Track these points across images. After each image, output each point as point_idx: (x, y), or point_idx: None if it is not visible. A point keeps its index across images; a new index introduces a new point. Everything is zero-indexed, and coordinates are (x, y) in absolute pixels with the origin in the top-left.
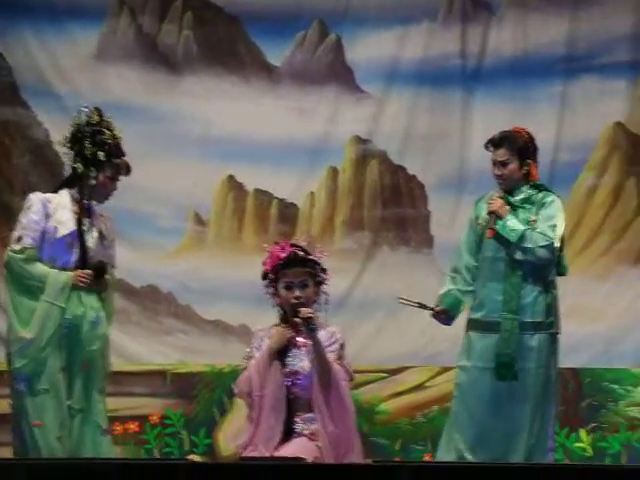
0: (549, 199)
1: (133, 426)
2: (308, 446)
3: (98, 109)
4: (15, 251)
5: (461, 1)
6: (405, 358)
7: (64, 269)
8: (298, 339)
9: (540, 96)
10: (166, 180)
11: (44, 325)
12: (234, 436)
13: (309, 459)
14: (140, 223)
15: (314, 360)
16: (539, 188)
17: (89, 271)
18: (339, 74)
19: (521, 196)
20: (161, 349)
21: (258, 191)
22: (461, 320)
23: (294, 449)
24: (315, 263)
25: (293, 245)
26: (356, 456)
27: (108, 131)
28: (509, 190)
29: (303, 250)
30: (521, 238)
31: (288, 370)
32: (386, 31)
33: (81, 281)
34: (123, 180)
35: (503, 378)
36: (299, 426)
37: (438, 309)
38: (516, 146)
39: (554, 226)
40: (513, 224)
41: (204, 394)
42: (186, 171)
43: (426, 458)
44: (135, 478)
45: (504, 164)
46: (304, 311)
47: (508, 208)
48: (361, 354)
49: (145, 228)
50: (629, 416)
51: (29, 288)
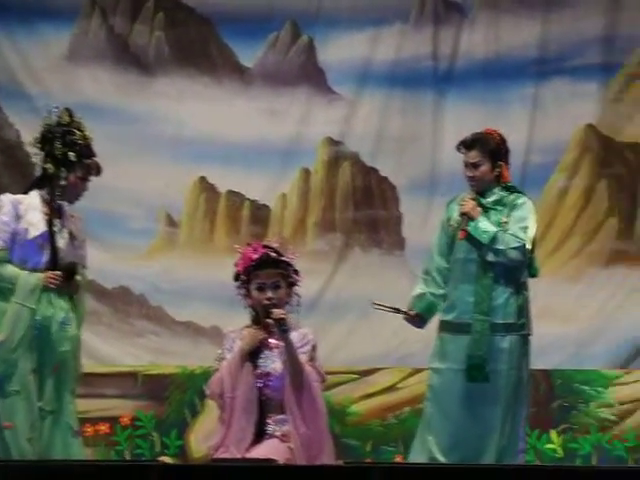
0: (520, 201)
1: (104, 427)
2: (280, 447)
3: (68, 109)
4: None
5: (433, 3)
6: (377, 359)
7: (35, 270)
8: (270, 340)
9: (512, 98)
10: (138, 181)
11: (15, 327)
12: (205, 438)
13: (281, 460)
14: (112, 224)
15: (286, 361)
16: (511, 190)
17: (59, 272)
18: (311, 75)
19: (493, 198)
20: (132, 350)
21: (230, 192)
22: (433, 321)
23: (266, 450)
24: (287, 264)
25: (265, 246)
26: (327, 457)
27: (79, 131)
28: (481, 192)
29: (275, 251)
30: (493, 240)
31: (260, 371)
32: (358, 33)
33: (51, 282)
34: (95, 181)
35: (474, 380)
36: (271, 427)
37: (412, 313)
38: (488, 148)
39: (525, 228)
40: (485, 226)
41: (175, 396)
42: (158, 172)
43: (397, 459)
44: None
45: (476, 166)
46: (276, 312)
47: (480, 210)
48: (333, 355)
49: (117, 229)
50: (600, 417)
51: None
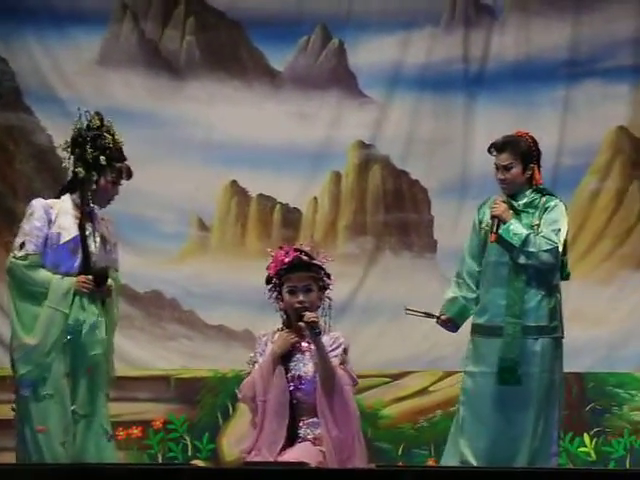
0: (552, 203)
1: (136, 431)
2: (312, 451)
3: (99, 113)
4: (18, 257)
5: (464, 6)
6: (408, 362)
7: (67, 275)
8: (302, 344)
9: (543, 100)
10: (169, 185)
11: (48, 331)
12: (238, 441)
13: (313, 464)
14: (143, 228)
15: (318, 365)
16: (542, 192)
17: (91, 277)
18: (342, 79)
19: (524, 200)
20: (164, 354)
21: (261, 196)
22: (464, 324)
23: (298, 454)
24: (319, 268)
25: (297, 250)
26: (360, 461)
27: (109, 135)
28: (512, 194)
29: (307, 255)
30: (524, 242)
31: (292, 375)
32: (389, 36)
33: (83, 287)
34: (126, 185)
35: (506, 383)
36: (303, 431)
37: (444, 318)
38: (519, 150)
39: (557, 230)
40: (516, 228)
41: (207, 399)
42: (189, 176)
43: (429, 463)
44: None
45: (507, 168)
46: (308, 315)
47: (511, 212)
48: (364, 359)
49: (148, 233)
50: (633, 420)
51: (32, 294)
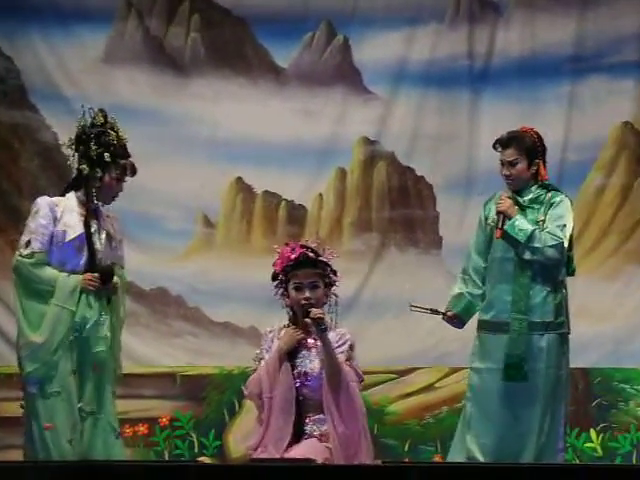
0: (558, 199)
1: (142, 428)
2: (318, 447)
3: (102, 110)
4: (24, 255)
5: (468, 2)
6: (414, 359)
7: (73, 272)
8: (308, 340)
9: (548, 96)
10: (174, 182)
11: (55, 329)
12: (244, 438)
13: (319, 460)
14: (149, 225)
15: (324, 361)
16: (548, 188)
17: (97, 275)
18: (346, 75)
19: (530, 196)
20: (170, 351)
21: (266, 193)
22: (470, 320)
23: (304, 450)
24: (325, 264)
25: (303, 246)
26: (366, 457)
27: (113, 132)
28: (518, 190)
29: (313, 251)
30: (530, 238)
31: (298, 371)
32: (394, 32)
33: (90, 285)
34: (131, 182)
35: (512, 379)
36: (309, 427)
37: (450, 314)
38: (524, 146)
39: (563, 226)
40: (522, 224)
41: (213, 396)
42: (194, 173)
43: (436, 459)
44: None
45: (512, 164)
46: (315, 311)
47: (517, 208)
48: (370, 355)
49: (154, 230)
50: (639, 416)
51: (39, 292)
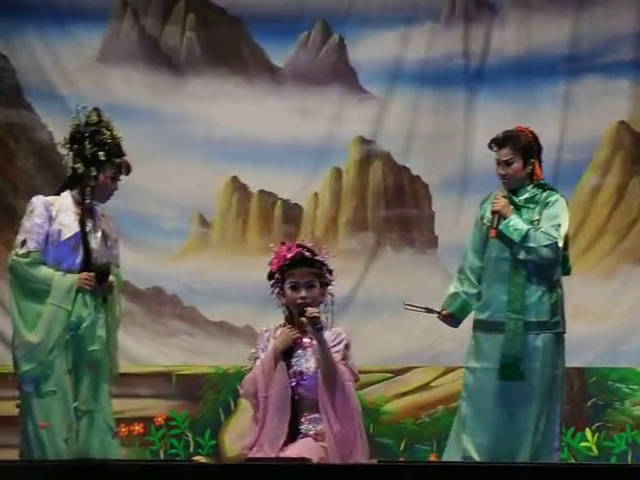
0: (553, 198)
1: (138, 427)
2: (313, 446)
3: (97, 109)
4: (19, 255)
5: (464, 1)
6: (410, 358)
7: (69, 271)
8: (304, 339)
9: (543, 96)
10: (170, 182)
11: (50, 328)
12: (239, 437)
13: (315, 459)
14: (144, 225)
15: (319, 360)
16: (543, 187)
17: (93, 274)
18: (342, 75)
19: (525, 195)
20: (166, 351)
21: (262, 192)
22: (466, 319)
23: (299, 449)
24: (321, 264)
25: (300, 245)
26: (361, 456)
27: (107, 131)
28: (513, 190)
29: (309, 251)
30: (524, 238)
31: (293, 370)
32: (389, 31)
33: (86, 284)
34: (127, 181)
35: (508, 378)
36: (305, 426)
37: (445, 313)
38: (520, 145)
39: (558, 225)
40: (516, 224)
41: (209, 395)
42: (190, 172)
43: (431, 458)
44: (140, 479)
45: (508, 163)
46: (310, 310)
47: (512, 208)
48: (366, 354)
49: (149, 230)
50: (635, 415)
51: (34, 292)
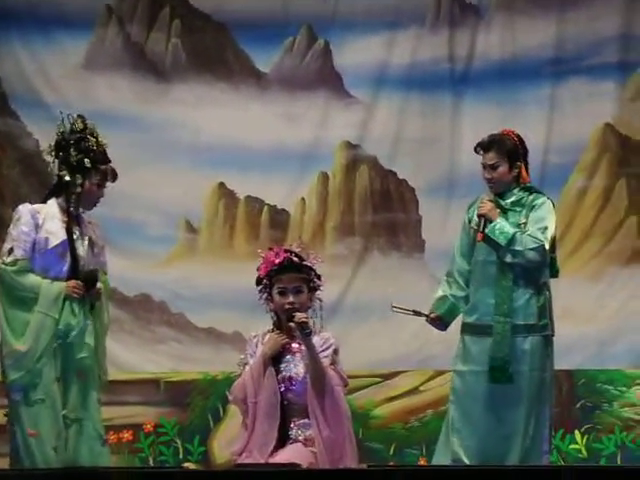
0: (539, 201)
1: (127, 435)
2: (303, 452)
3: (81, 116)
4: (7, 263)
5: (449, 5)
6: (398, 362)
7: (56, 279)
8: (292, 345)
9: (529, 99)
10: (156, 188)
11: (38, 336)
12: (228, 443)
13: (304, 465)
14: (131, 231)
15: (308, 365)
16: (530, 190)
17: (81, 282)
18: (328, 79)
19: (512, 199)
20: (154, 357)
21: (249, 198)
22: (454, 323)
23: (289, 455)
24: (309, 269)
25: (287, 251)
26: (351, 461)
27: (92, 138)
28: (500, 193)
29: (297, 256)
30: (510, 241)
31: (282, 376)
32: (374, 36)
33: (74, 292)
34: (113, 188)
35: (497, 381)
36: (294, 432)
37: (433, 316)
38: (505, 149)
39: (544, 228)
40: (503, 227)
41: (198, 402)
42: (176, 179)
43: (421, 462)
44: None
45: (494, 167)
46: (299, 315)
47: (498, 211)
48: (354, 359)
49: (136, 236)
50: (623, 417)
51: (22, 300)
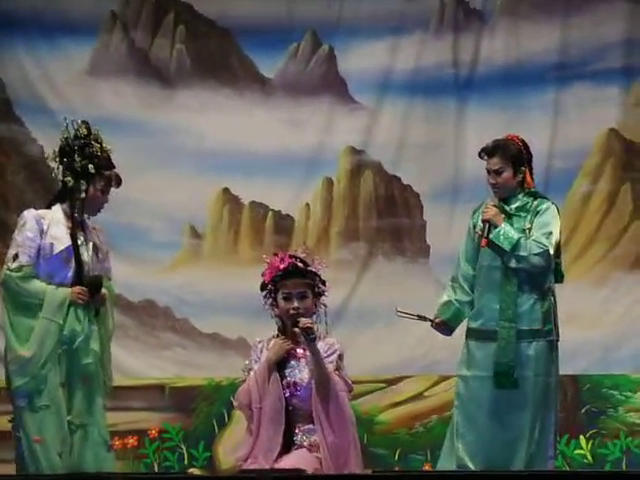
0: (544, 206)
1: (132, 441)
2: (308, 457)
3: (85, 122)
4: (12, 269)
5: (453, 11)
6: (403, 367)
7: (61, 285)
8: (297, 350)
9: (533, 104)
10: (161, 194)
11: (43, 342)
12: (233, 449)
13: (309, 470)
14: (135, 237)
15: (313, 371)
16: (534, 195)
17: (86, 288)
18: (332, 85)
19: (516, 204)
20: (159, 363)
21: (253, 203)
22: (459, 328)
23: (294, 460)
24: (314, 274)
25: (292, 256)
26: (356, 467)
27: (97, 144)
28: (504, 198)
29: (302, 261)
30: (515, 246)
31: (287, 381)
32: (378, 41)
33: (79, 298)
34: (118, 194)
35: (502, 386)
36: (299, 437)
37: (438, 321)
38: (509, 154)
39: (549, 233)
40: (507, 232)
41: (203, 407)
42: (181, 184)
43: (425, 468)
44: None
45: (498, 172)
46: (304, 321)
47: (503, 216)
48: (359, 364)
49: (140, 242)
50: (628, 422)
51: (27, 306)
